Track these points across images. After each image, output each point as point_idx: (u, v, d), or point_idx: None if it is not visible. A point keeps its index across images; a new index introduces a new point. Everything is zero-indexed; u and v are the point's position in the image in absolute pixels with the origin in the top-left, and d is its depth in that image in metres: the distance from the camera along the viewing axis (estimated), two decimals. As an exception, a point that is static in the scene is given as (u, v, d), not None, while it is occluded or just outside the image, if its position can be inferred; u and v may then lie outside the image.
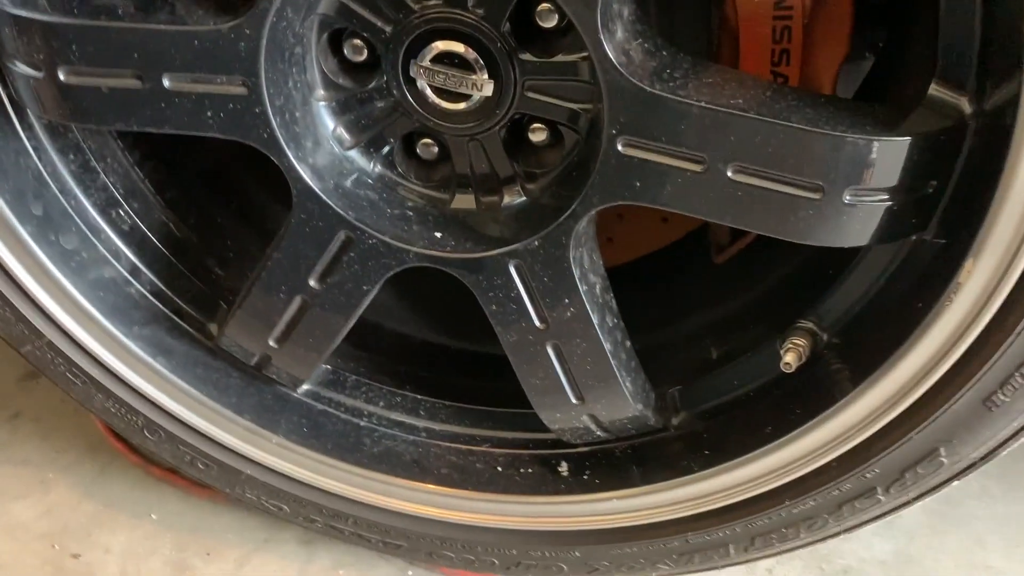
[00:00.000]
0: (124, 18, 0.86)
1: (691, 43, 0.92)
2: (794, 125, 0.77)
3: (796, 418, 0.95)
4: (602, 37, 0.79)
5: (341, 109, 0.97)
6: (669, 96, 0.79)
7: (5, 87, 0.95)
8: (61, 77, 0.89)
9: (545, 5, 0.87)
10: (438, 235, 0.99)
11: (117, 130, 1.06)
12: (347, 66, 0.96)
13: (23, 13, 0.87)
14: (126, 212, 1.10)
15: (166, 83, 0.88)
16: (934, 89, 0.78)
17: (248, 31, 0.84)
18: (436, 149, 1.01)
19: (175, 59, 0.86)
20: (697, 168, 0.81)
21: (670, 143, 0.81)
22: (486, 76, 0.91)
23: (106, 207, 1.08)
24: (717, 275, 1.13)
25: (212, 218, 1.21)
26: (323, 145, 0.97)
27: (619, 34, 0.81)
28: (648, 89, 0.79)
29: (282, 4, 0.84)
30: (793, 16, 0.86)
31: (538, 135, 0.97)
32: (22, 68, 0.90)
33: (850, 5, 0.88)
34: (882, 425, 0.90)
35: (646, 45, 0.83)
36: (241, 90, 0.88)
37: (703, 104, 0.78)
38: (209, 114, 0.90)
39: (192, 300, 1.13)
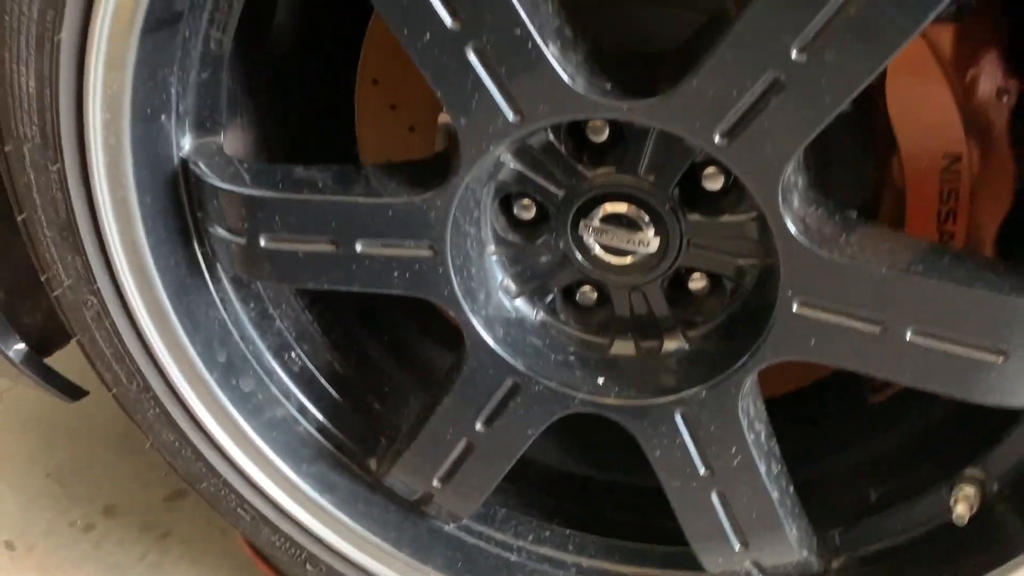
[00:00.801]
0: (325, 191, 0.93)
1: (856, 202, 0.95)
2: (976, 290, 0.79)
3: (970, 569, 0.95)
4: (781, 209, 0.82)
5: (509, 262, 1.03)
6: (848, 262, 0.82)
7: (201, 246, 1.03)
8: (261, 243, 0.96)
9: (712, 169, 0.92)
10: (601, 381, 1.02)
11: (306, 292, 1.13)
12: (516, 222, 1.02)
13: (230, 187, 0.95)
14: (297, 354, 1.16)
15: (359, 248, 0.94)
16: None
17: (439, 202, 0.91)
18: (595, 295, 1.06)
19: (369, 227, 0.93)
20: (875, 330, 0.84)
21: (848, 306, 0.84)
22: (652, 234, 0.95)
23: (280, 350, 1.15)
24: (872, 413, 1.14)
25: (370, 355, 1.27)
26: (493, 296, 1.02)
27: (795, 203, 0.84)
28: (826, 256, 0.83)
29: (471, 178, 0.90)
30: (961, 178, 0.89)
31: (698, 283, 1.01)
32: (223, 233, 0.98)
33: (1013, 163, 0.91)
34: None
35: (820, 211, 0.86)
36: (427, 253, 0.94)
37: (883, 270, 0.81)
38: (395, 275, 0.96)
39: (354, 436, 1.18)
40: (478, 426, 1.04)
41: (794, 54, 0.72)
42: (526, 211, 1.00)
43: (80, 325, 1.04)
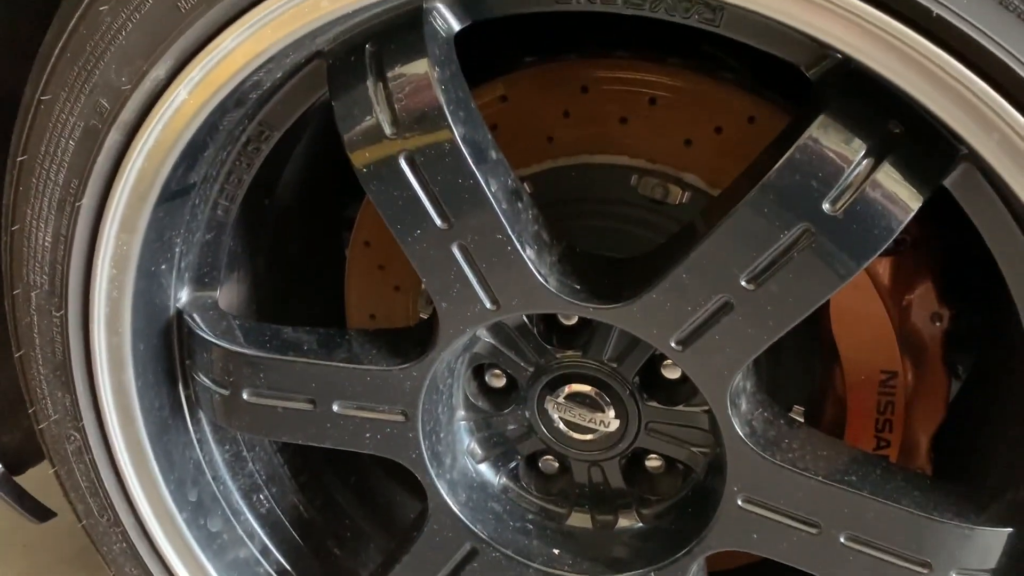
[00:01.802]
0: (309, 354, 0.99)
1: (801, 404, 1.02)
2: (903, 507, 0.85)
3: None
4: (729, 411, 0.89)
5: (477, 427, 1.08)
6: (788, 467, 0.88)
7: (186, 388, 1.09)
8: (244, 396, 1.01)
9: (670, 361, 0.99)
10: (556, 552, 1.06)
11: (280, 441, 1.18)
12: (486, 390, 1.08)
13: (222, 343, 1.01)
14: (265, 496, 1.20)
15: (335, 408, 1.00)
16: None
17: (415, 373, 0.97)
18: (557, 465, 1.11)
19: (347, 390, 0.99)
20: (812, 531, 0.89)
21: (787, 507, 0.89)
22: (613, 416, 1.02)
23: (249, 492, 1.18)
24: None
25: (334, 498, 1.30)
26: (458, 460, 1.07)
27: (743, 406, 0.91)
28: (769, 459, 0.89)
29: (448, 352, 0.96)
30: (896, 392, 0.97)
31: (655, 464, 1.07)
32: (208, 382, 1.04)
33: (946, 381, 0.99)
34: None
35: (766, 415, 0.93)
36: (399, 417, 1.00)
37: (819, 478, 0.87)
38: (367, 436, 1.01)
39: (312, 581, 1.21)
40: (434, 586, 1.08)
41: (743, 282, 0.80)
42: (497, 379, 1.07)
43: (60, 457, 1.08)
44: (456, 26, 0.84)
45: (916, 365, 0.96)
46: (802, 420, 0.99)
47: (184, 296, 1.04)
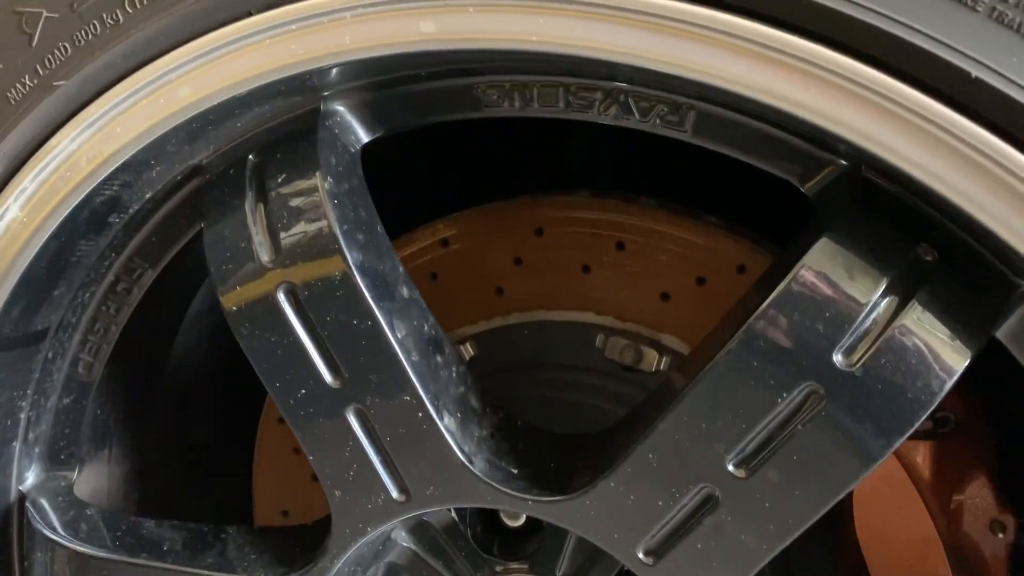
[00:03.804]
0: (168, 557, 0.76)
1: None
2: None
3: None
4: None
5: (395, 665, 0.82)
6: None
7: None
8: (82, 612, 0.77)
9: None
10: None
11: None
12: (409, 612, 0.83)
13: (56, 538, 0.78)
14: None
15: (199, 635, 0.75)
16: None
17: (304, 592, 0.73)
18: None
19: (213, 611, 0.74)
20: None
21: None
22: (568, 656, 0.76)
23: None
24: None
25: None
26: None
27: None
28: None
29: (347, 560, 0.73)
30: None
31: None
32: (44, 588, 0.80)
33: None
34: None
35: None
36: (283, 648, 0.75)
37: None
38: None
39: None
40: None
41: (730, 467, 0.58)
42: (423, 600, 0.82)
43: None
44: (363, 135, 0.68)
45: (977, 591, 0.71)
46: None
47: (31, 477, 0.82)
